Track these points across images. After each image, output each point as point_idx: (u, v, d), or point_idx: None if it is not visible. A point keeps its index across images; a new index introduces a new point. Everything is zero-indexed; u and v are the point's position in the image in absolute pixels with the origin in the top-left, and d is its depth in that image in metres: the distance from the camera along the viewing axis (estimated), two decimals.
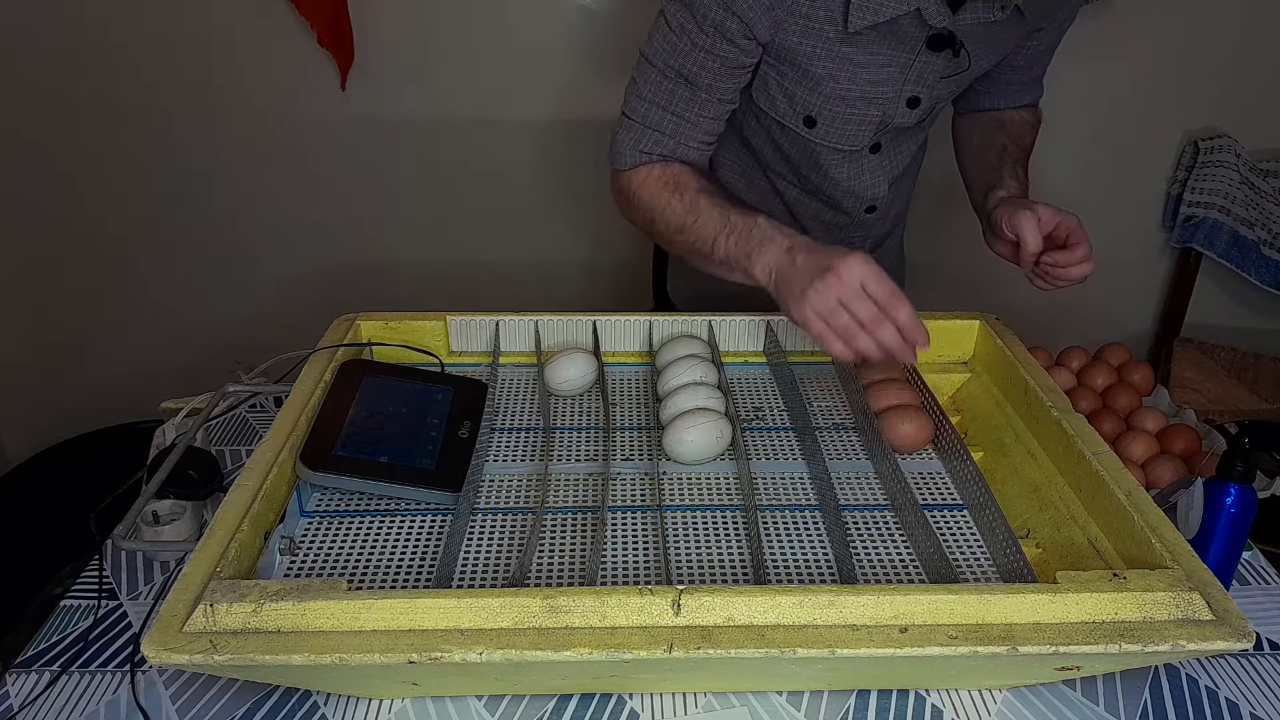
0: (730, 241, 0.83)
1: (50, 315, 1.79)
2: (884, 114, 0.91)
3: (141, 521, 0.74)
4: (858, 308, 0.73)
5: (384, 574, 0.67)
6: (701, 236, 0.85)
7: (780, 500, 0.76)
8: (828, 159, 0.96)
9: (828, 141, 0.93)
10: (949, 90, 0.94)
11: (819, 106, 0.90)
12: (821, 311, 0.74)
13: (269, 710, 0.63)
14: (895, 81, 0.89)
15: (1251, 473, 0.70)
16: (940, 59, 0.87)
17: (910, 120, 0.93)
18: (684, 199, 0.87)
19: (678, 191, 0.88)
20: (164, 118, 1.62)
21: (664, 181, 0.89)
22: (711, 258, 0.85)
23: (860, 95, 0.89)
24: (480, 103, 1.64)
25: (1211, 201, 1.69)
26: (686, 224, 0.86)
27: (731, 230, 0.83)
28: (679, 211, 0.87)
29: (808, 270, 0.75)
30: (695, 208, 0.86)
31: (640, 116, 0.89)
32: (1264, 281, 1.74)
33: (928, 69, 0.88)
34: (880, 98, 0.89)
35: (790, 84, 0.88)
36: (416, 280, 1.79)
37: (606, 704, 0.63)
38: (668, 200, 0.88)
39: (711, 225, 0.84)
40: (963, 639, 0.53)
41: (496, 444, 0.83)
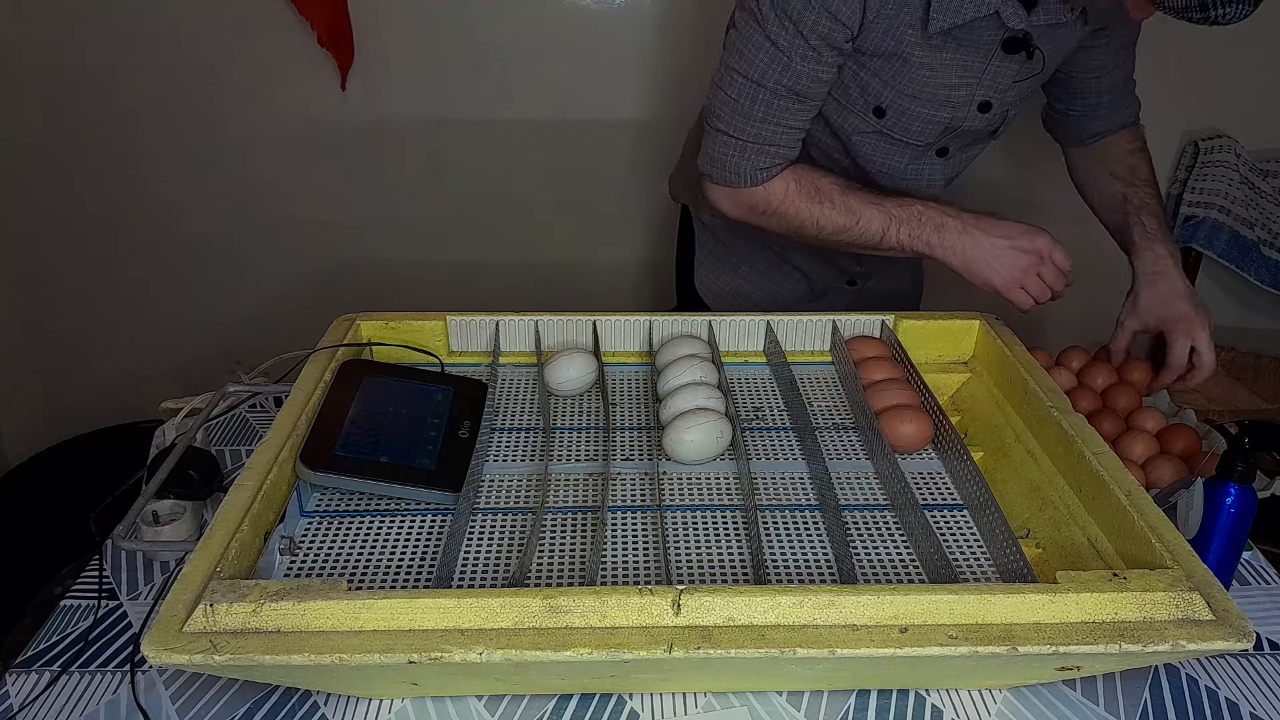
0: (902, 232, 0.91)
1: (50, 315, 1.79)
2: (953, 117, 0.93)
3: (141, 521, 0.74)
4: (1049, 277, 0.90)
5: (384, 574, 0.67)
6: (867, 233, 0.93)
7: (780, 500, 0.76)
8: (888, 148, 0.98)
9: (893, 132, 0.95)
10: (1019, 95, 0.95)
11: (890, 100, 0.92)
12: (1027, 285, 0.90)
13: (269, 710, 0.63)
14: (969, 85, 0.91)
15: (1251, 473, 0.70)
16: (1014, 62, 0.89)
17: (980, 124, 0.95)
18: (835, 204, 0.93)
19: (825, 200, 0.93)
20: (164, 118, 1.62)
21: (805, 194, 0.94)
22: (880, 246, 0.93)
23: (932, 96, 0.91)
24: (480, 103, 1.64)
25: (1211, 201, 1.69)
26: (849, 225, 0.93)
27: (897, 222, 0.91)
28: (836, 218, 0.93)
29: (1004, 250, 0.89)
30: (851, 210, 0.92)
31: (750, 136, 0.92)
32: (1264, 281, 1.74)
33: (1001, 73, 0.90)
34: (951, 101, 0.91)
35: (866, 75, 0.90)
36: (416, 280, 1.79)
37: (606, 704, 0.63)
38: (820, 211, 0.94)
39: (875, 223, 0.92)
40: (963, 639, 0.53)
41: (496, 444, 0.83)
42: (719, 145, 0.94)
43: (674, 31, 1.60)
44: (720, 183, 0.96)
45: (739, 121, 0.91)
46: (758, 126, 0.91)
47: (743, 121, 0.91)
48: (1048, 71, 0.95)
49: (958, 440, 0.77)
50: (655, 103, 1.65)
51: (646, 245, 1.79)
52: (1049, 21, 0.87)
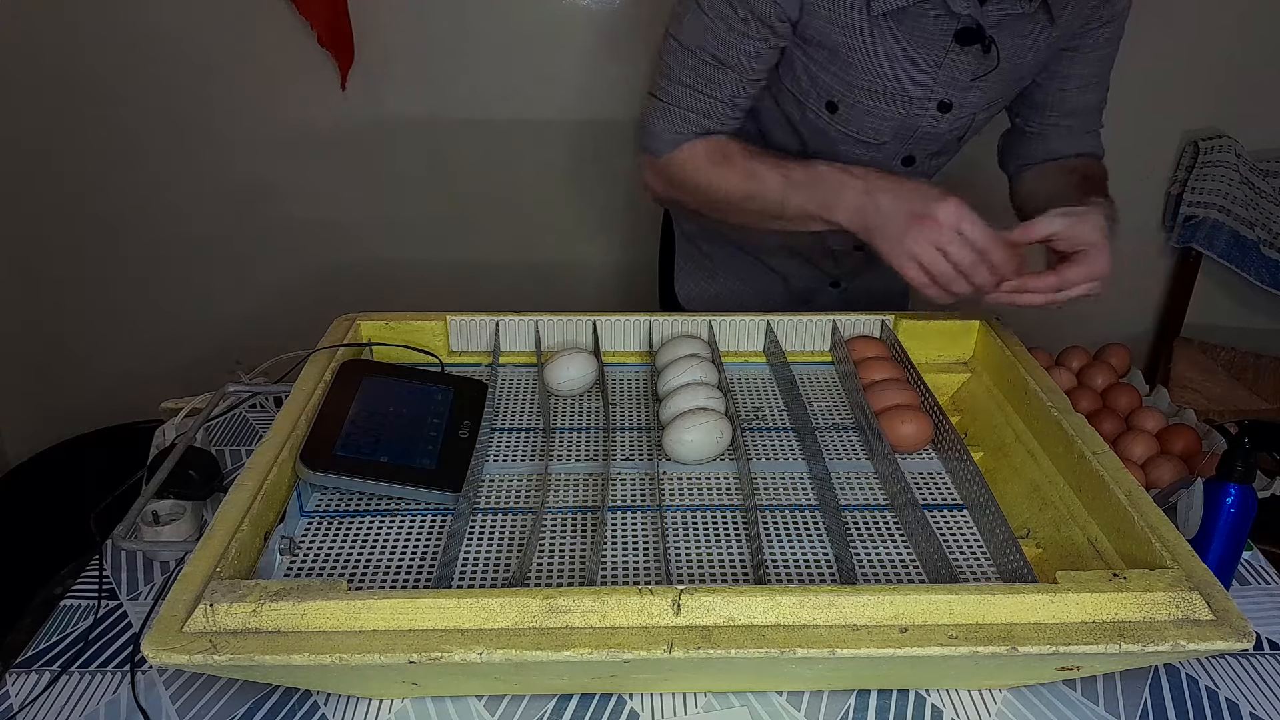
0: (801, 196, 0.84)
1: (50, 315, 1.79)
2: (909, 113, 0.91)
3: (141, 521, 0.74)
4: (956, 253, 0.75)
5: (384, 574, 0.67)
6: (767, 200, 0.86)
7: (780, 500, 0.76)
8: (845, 149, 0.96)
9: (847, 130, 0.93)
10: (983, 97, 0.91)
11: (841, 94, 0.90)
12: (920, 258, 0.76)
13: (269, 710, 0.63)
14: (923, 80, 0.88)
15: (1251, 473, 0.70)
16: (969, 56, 0.86)
17: (942, 128, 0.92)
18: (737, 167, 0.87)
19: (728, 162, 0.88)
20: (164, 118, 1.62)
21: (710, 157, 0.89)
22: (783, 215, 0.86)
23: (883, 89, 0.88)
24: (480, 102, 1.64)
25: (1211, 201, 1.69)
26: (749, 190, 0.87)
27: (796, 185, 0.84)
28: (736, 181, 0.88)
29: (899, 214, 0.77)
30: (752, 174, 0.87)
31: (673, 99, 0.89)
32: (1264, 281, 1.74)
33: (958, 68, 0.87)
34: (904, 95, 0.89)
35: (815, 67, 0.89)
36: (416, 280, 1.79)
37: (606, 704, 0.63)
38: (721, 174, 0.88)
39: (775, 186, 0.85)
40: (963, 639, 0.53)
41: (496, 444, 0.83)
42: (647, 109, 0.92)
43: None
44: (644, 150, 0.93)
45: (665, 84, 0.90)
46: (679, 90, 0.89)
47: (667, 84, 0.90)
48: (1012, 75, 0.90)
49: (958, 440, 0.77)
50: None
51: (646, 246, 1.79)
52: (1004, 12, 0.83)
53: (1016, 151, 1.04)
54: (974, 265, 0.75)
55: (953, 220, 0.75)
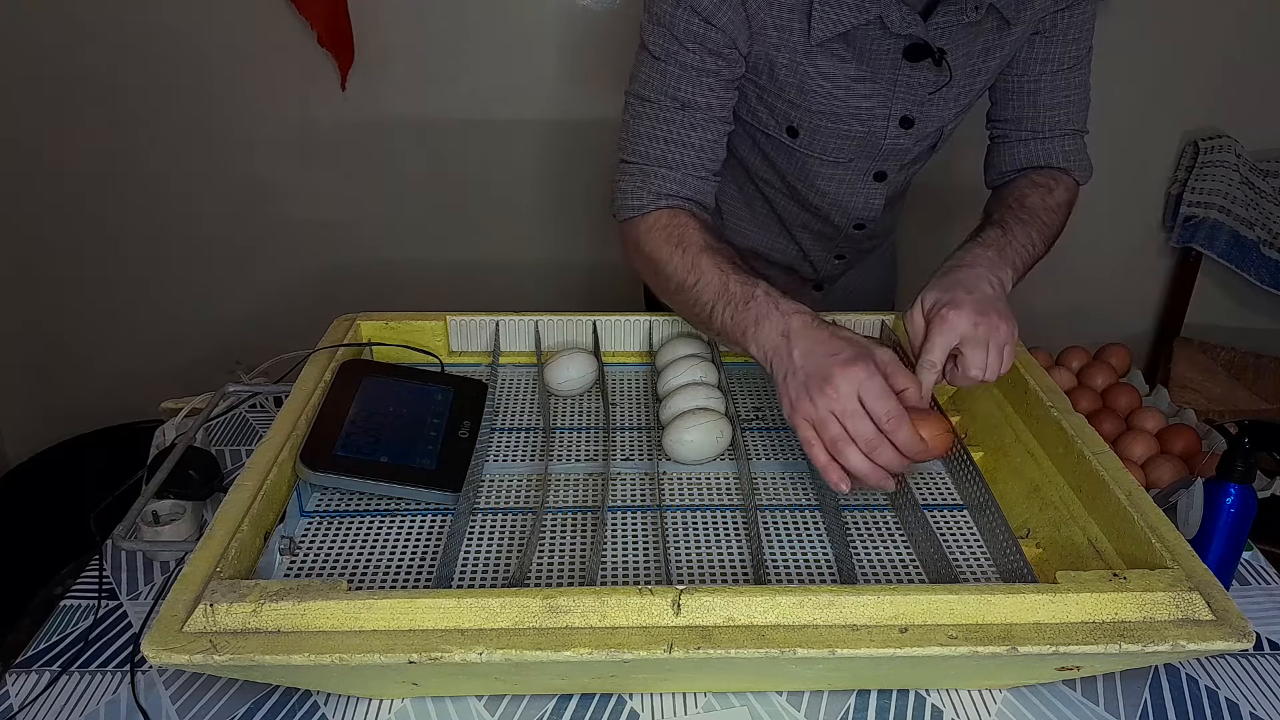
0: (727, 313, 0.75)
1: (50, 316, 1.79)
2: (870, 131, 0.89)
3: (141, 521, 0.74)
4: (853, 425, 0.65)
5: (384, 574, 0.67)
6: (700, 301, 0.78)
7: (780, 500, 0.76)
8: (815, 169, 0.94)
9: (812, 152, 0.92)
10: (947, 109, 0.89)
11: (799, 119, 0.88)
12: (811, 418, 0.67)
13: (269, 710, 0.63)
14: (880, 98, 0.86)
15: (1251, 473, 0.70)
16: (922, 71, 0.84)
17: (907, 142, 0.91)
18: (685, 256, 0.80)
19: (680, 246, 0.81)
20: (164, 117, 1.62)
21: (668, 233, 0.82)
22: (710, 325, 0.78)
23: (840, 110, 0.86)
24: (480, 103, 1.64)
25: (1211, 201, 1.69)
26: (687, 283, 0.79)
27: (730, 301, 0.75)
28: (680, 269, 0.80)
29: (805, 373, 0.68)
30: (696, 267, 0.79)
31: (641, 156, 0.85)
32: (1264, 281, 1.74)
33: (914, 84, 0.85)
34: (863, 115, 0.87)
35: (769, 96, 0.87)
36: (416, 280, 1.79)
37: (606, 704, 0.63)
38: (669, 254, 0.81)
39: (711, 290, 0.77)
40: (963, 639, 0.53)
41: (496, 444, 0.83)
42: (619, 176, 0.86)
43: None
44: (619, 216, 0.86)
45: (629, 144, 0.85)
46: (646, 144, 0.84)
47: (633, 142, 0.85)
48: (974, 81, 0.87)
49: (958, 440, 0.77)
50: None
51: None
52: (951, 23, 0.80)
53: (989, 163, 0.97)
54: (872, 441, 0.65)
55: (853, 386, 0.65)
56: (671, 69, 0.82)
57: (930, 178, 1.11)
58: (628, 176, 0.85)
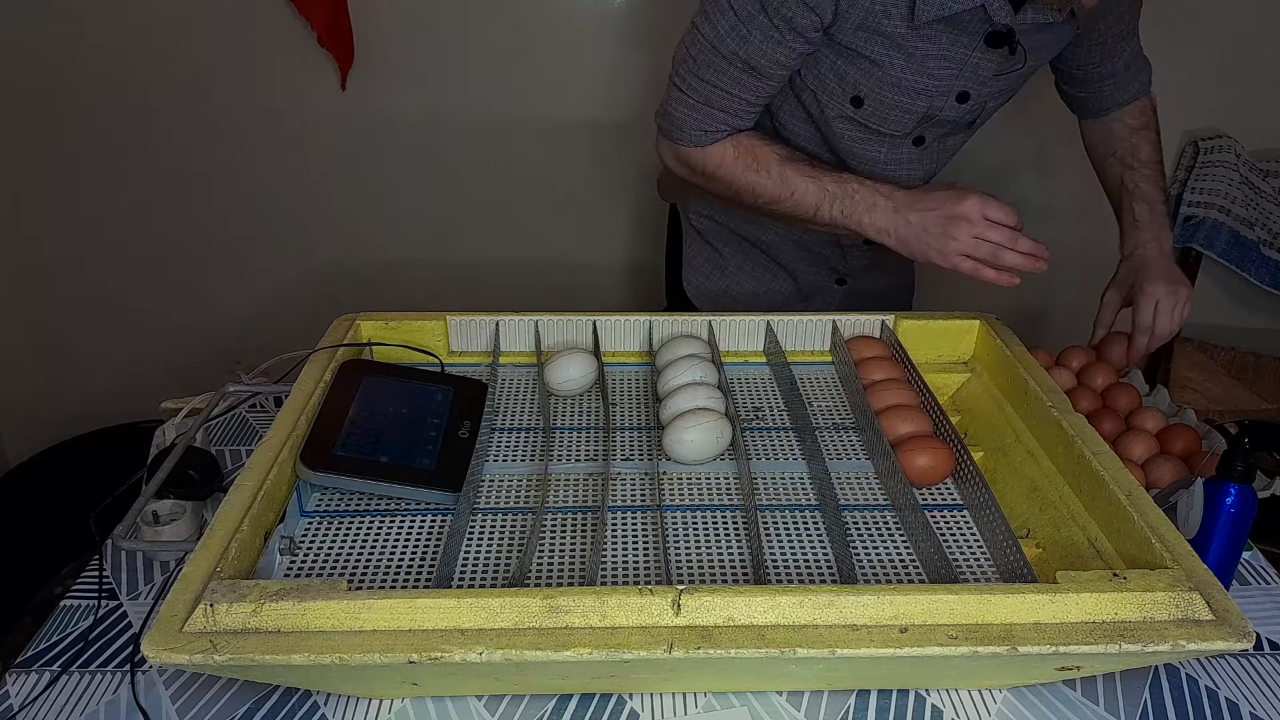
0: (835, 209, 0.90)
1: (50, 315, 1.79)
2: (931, 106, 0.93)
3: (141, 521, 0.74)
4: (993, 235, 0.83)
5: (384, 574, 0.67)
6: (802, 206, 0.91)
7: (780, 500, 0.76)
8: (865, 140, 0.98)
9: (871, 123, 0.95)
10: (999, 88, 0.95)
11: (868, 90, 0.92)
12: (968, 251, 0.84)
13: (269, 710, 0.63)
14: (948, 75, 0.90)
15: (1251, 473, 0.70)
16: (995, 56, 0.89)
17: (957, 114, 0.95)
18: (771, 174, 0.92)
19: (763, 169, 0.92)
20: (164, 117, 1.62)
21: (744, 161, 0.93)
22: (815, 221, 0.92)
23: (911, 85, 0.90)
24: (480, 103, 1.64)
25: (1211, 201, 1.69)
26: (783, 197, 0.92)
27: (831, 198, 0.90)
28: (770, 188, 0.92)
29: (931, 223, 0.85)
30: (786, 181, 0.91)
31: (704, 98, 0.92)
32: (1264, 281, 1.74)
33: (982, 65, 0.90)
34: (930, 90, 0.91)
35: (844, 65, 0.90)
36: (416, 280, 1.79)
37: (606, 704, 0.63)
38: (755, 179, 0.93)
39: (810, 196, 0.91)
40: (963, 639, 0.53)
41: (496, 444, 0.83)
42: (672, 99, 0.94)
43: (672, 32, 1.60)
44: (666, 135, 0.97)
45: (693, 80, 0.91)
46: (709, 90, 0.91)
47: (696, 81, 0.91)
48: (1031, 68, 0.95)
49: (958, 440, 0.77)
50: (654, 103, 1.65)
51: (646, 246, 1.79)
52: (1036, 21, 0.87)
53: (1075, 108, 1.11)
54: (1013, 238, 0.83)
55: (978, 213, 0.83)
56: (753, 36, 0.86)
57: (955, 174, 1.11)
58: (684, 107, 0.93)
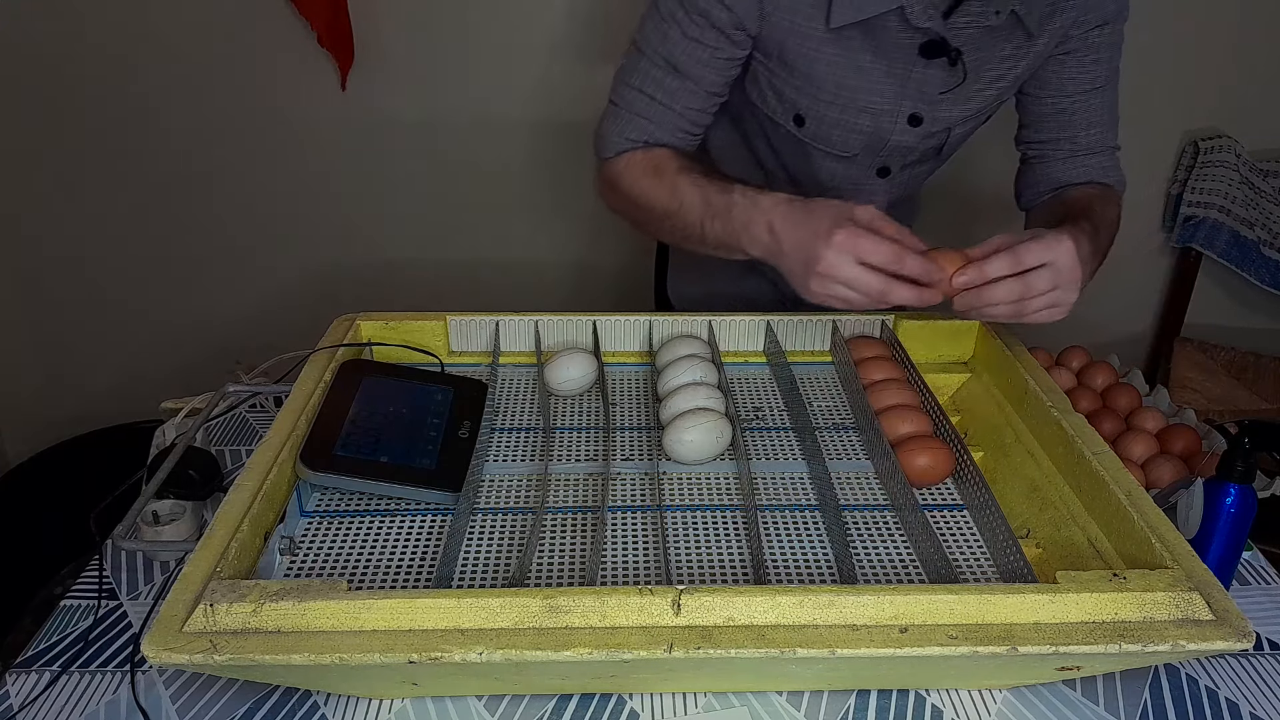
0: (716, 225, 0.80)
1: (50, 315, 1.79)
2: (878, 126, 0.89)
3: (141, 521, 0.74)
4: (863, 286, 0.70)
5: (384, 574, 0.67)
6: (687, 222, 0.82)
7: (780, 500, 0.76)
8: (819, 161, 0.95)
9: (816, 143, 0.92)
10: (956, 111, 0.89)
11: (807, 106, 0.89)
12: (833, 295, 0.73)
13: (269, 710, 0.63)
14: (891, 94, 0.86)
15: (1251, 473, 0.70)
16: (937, 69, 0.84)
17: (914, 140, 0.91)
18: (664, 182, 0.84)
19: (659, 175, 0.85)
20: (164, 118, 1.62)
21: (645, 167, 0.86)
22: (704, 241, 0.82)
23: (849, 101, 0.87)
24: (480, 103, 1.64)
25: (1211, 201, 1.69)
26: (671, 209, 0.83)
27: (714, 213, 0.80)
28: (662, 197, 0.84)
29: (798, 260, 0.73)
30: (676, 192, 0.83)
31: (626, 103, 0.88)
32: (1264, 281, 1.74)
33: (926, 82, 0.85)
34: (872, 108, 0.87)
35: (779, 81, 0.87)
36: (416, 280, 1.79)
37: (606, 704, 0.63)
38: (649, 185, 0.85)
39: (695, 209, 0.81)
40: (963, 639, 0.53)
41: (496, 444, 0.83)
42: (604, 115, 0.90)
43: None
44: (597, 153, 0.91)
45: (619, 88, 0.88)
46: (633, 93, 0.87)
47: (623, 88, 0.88)
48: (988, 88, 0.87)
49: (958, 440, 0.77)
50: None
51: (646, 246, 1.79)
52: (971, 24, 0.80)
53: (1024, 183, 0.98)
54: (885, 289, 0.70)
55: (847, 258, 0.70)
56: (673, 33, 0.83)
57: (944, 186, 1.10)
58: (610, 119, 0.89)
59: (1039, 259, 0.71)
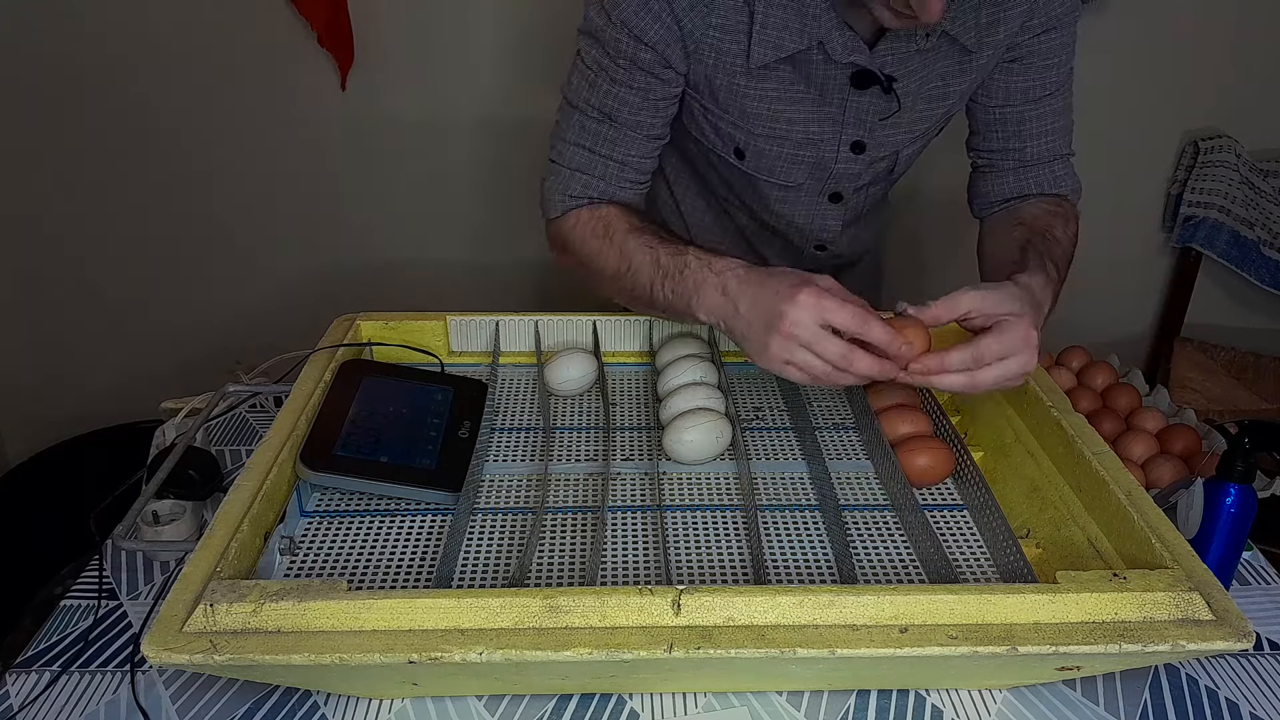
0: (666, 288, 0.76)
1: (50, 315, 1.79)
2: (820, 156, 0.87)
3: (141, 521, 0.74)
4: (825, 349, 0.67)
5: (384, 574, 0.67)
6: (638, 284, 0.79)
7: (780, 500, 0.76)
8: (767, 191, 0.93)
9: (759, 174, 0.90)
10: (898, 137, 0.87)
11: (744, 140, 0.87)
12: (791, 361, 0.68)
13: (269, 710, 0.63)
14: (829, 122, 0.84)
15: (1251, 473, 0.70)
16: (872, 97, 0.82)
17: (859, 167, 0.89)
18: (613, 244, 0.80)
19: (608, 236, 0.81)
20: (164, 118, 1.62)
21: (593, 227, 0.83)
22: (654, 304, 0.78)
23: (785, 135, 0.85)
24: (480, 102, 1.64)
25: (1211, 201, 1.69)
26: (621, 271, 0.79)
27: (665, 275, 0.76)
28: (612, 259, 0.80)
29: (757, 320, 0.69)
30: (625, 253, 0.79)
31: (566, 160, 0.85)
32: (1264, 281, 1.74)
33: (863, 109, 0.83)
34: (811, 139, 0.85)
35: (713, 117, 0.86)
36: (416, 280, 1.79)
37: (606, 704, 0.63)
38: (598, 246, 0.82)
39: (645, 271, 0.78)
40: (963, 639, 0.53)
41: (496, 444, 0.83)
42: (546, 175, 0.87)
43: None
44: (546, 217, 0.88)
45: (557, 145, 0.86)
46: (571, 150, 0.84)
47: (560, 145, 0.85)
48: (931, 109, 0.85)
49: (958, 440, 0.77)
50: None
51: None
52: (901, 49, 0.78)
53: (975, 192, 0.95)
54: (847, 356, 0.67)
55: (811, 316, 0.66)
56: (601, 82, 0.81)
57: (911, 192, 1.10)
58: (552, 178, 0.86)
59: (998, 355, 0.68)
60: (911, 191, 1.61)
